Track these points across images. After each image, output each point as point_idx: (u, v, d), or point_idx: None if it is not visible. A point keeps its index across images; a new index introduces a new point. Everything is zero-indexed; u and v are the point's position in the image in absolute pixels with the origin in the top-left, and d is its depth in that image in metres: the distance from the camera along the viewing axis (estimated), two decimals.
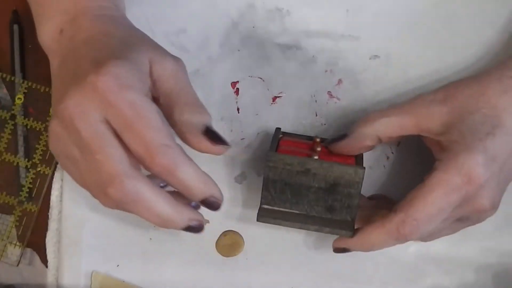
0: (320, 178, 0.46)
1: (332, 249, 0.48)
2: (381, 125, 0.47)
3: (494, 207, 0.45)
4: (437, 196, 0.43)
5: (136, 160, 0.41)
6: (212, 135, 0.44)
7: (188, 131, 0.44)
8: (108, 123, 0.40)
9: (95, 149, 0.40)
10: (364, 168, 0.46)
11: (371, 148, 0.49)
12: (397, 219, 0.44)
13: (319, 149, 0.48)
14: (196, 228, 0.44)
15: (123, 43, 0.44)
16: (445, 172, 0.43)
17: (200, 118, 0.44)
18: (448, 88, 0.47)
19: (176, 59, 0.45)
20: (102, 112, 0.40)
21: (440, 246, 0.53)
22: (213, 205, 0.44)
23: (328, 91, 0.53)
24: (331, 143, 0.49)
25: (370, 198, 0.52)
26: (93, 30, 0.45)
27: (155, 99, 0.44)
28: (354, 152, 0.48)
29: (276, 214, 0.47)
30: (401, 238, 0.44)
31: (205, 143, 0.44)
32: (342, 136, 0.48)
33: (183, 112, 0.44)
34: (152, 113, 0.40)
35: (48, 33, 0.47)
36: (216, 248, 0.53)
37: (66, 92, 0.41)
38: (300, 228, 0.47)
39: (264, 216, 0.47)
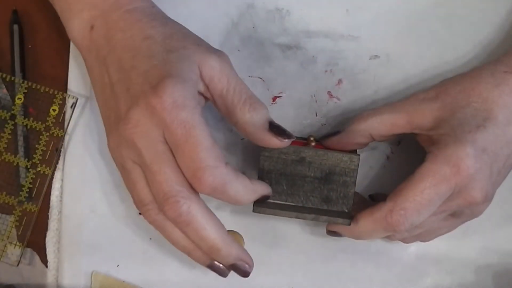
0: (315, 167, 0.46)
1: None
2: (373, 122, 0.48)
3: (486, 199, 0.44)
4: (426, 186, 0.43)
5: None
6: (277, 130, 0.45)
7: (254, 130, 0.45)
8: (166, 143, 0.42)
9: (155, 169, 0.42)
10: (359, 155, 0.46)
11: (363, 145, 0.49)
12: (386, 208, 0.44)
13: (313, 144, 0.48)
14: (241, 270, 0.45)
15: (167, 49, 0.44)
16: (434, 162, 0.43)
17: (261, 114, 0.45)
18: (440, 85, 0.47)
19: (220, 54, 0.45)
20: (160, 131, 0.41)
21: (440, 246, 0.53)
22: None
23: (328, 91, 0.53)
24: (324, 138, 0.49)
25: (370, 197, 0.52)
26: (130, 31, 0.45)
27: (211, 100, 0.45)
28: (347, 148, 0.48)
29: (272, 205, 0.47)
30: (389, 228, 0.44)
31: (272, 139, 0.45)
32: (335, 132, 0.49)
33: (244, 112, 0.44)
34: (202, 133, 0.41)
35: (77, 29, 0.46)
36: None
37: (125, 110, 0.42)
38: (297, 217, 0.46)
39: (259, 206, 0.46)
